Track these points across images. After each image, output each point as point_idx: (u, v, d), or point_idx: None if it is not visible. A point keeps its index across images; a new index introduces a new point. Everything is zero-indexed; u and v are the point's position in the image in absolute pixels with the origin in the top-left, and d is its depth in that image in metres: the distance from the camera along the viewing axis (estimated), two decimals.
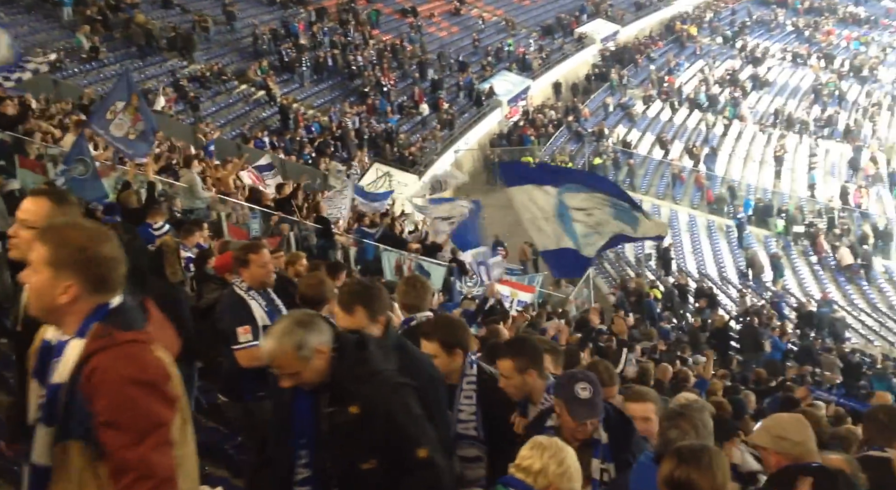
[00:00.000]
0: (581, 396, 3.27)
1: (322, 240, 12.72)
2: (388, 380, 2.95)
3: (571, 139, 31.05)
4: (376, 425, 2.83)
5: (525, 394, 3.63)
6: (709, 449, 2.58)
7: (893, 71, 39.59)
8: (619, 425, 3.38)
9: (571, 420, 3.27)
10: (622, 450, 3.31)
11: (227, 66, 25.89)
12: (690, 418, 3.04)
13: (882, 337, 21.17)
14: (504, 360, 3.62)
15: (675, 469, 2.50)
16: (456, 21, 36.41)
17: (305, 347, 2.80)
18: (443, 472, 2.94)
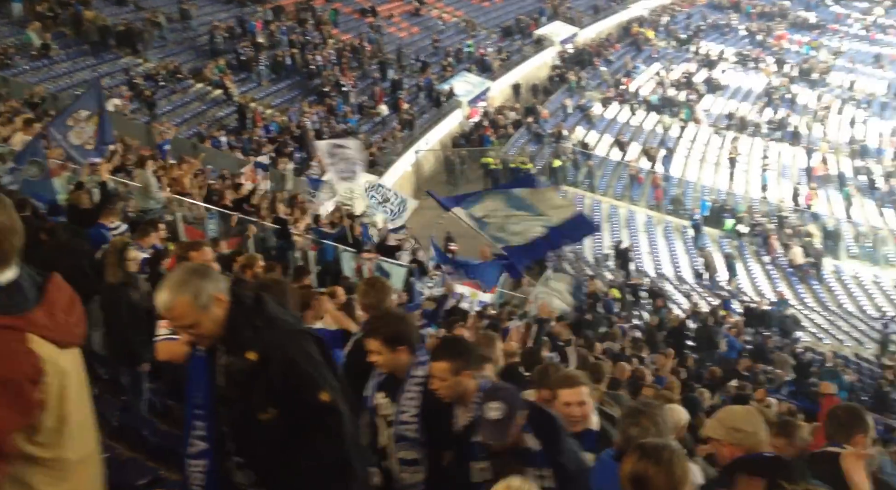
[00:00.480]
0: (489, 416, 3.21)
1: (280, 241, 12.61)
2: (289, 326, 2.91)
3: (531, 140, 31.25)
4: (276, 371, 2.74)
5: (458, 395, 3.58)
6: (669, 446, 2.61)
7: (842, 75, 40.65)
8: (547, 429, 3.34)
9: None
10: (556, 453, 3.28)
11: (183, 65, 25.50)
12: (651, 415, 3.06)
13: (832, 335, 21.70)
14: (440, 361, 3.54)
15: (635, 464, 2.52)
16: (416, 21, 36.39)
17: (203, 295, 2.71)
18: (345, 417, 2.88)
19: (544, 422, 3.37)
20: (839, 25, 47.68)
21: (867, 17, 48.60)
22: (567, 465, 3.27)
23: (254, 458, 2.84)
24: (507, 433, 3.22)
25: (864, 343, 21.53)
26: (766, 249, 26.35)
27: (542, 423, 3.34)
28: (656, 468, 2.49)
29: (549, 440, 3.29)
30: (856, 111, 37.28)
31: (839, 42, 45.23)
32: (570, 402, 3.71)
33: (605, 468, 3.01)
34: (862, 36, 46.62)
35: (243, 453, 2.84)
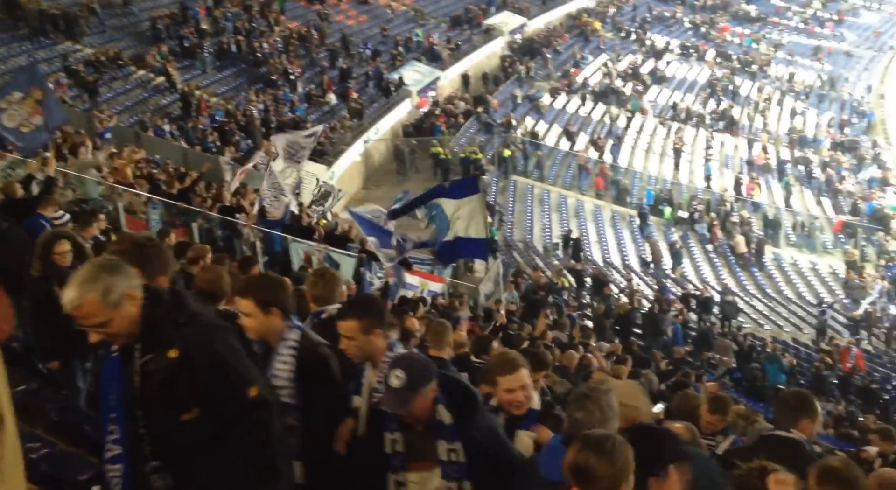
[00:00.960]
0: (390, 384, 3.17)
1: (226, 231, 12.40)
2: (211, 321, 2.81)
3: (481, 130, 31.32)
4: (200, 368, 2.62)
5: (366, 355, 3.51)
6: (612, 436, 2.61)
7: (782, 67, 41.69)
8: (462, 402, 3.28)
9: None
10: (469, 427, 3.23)
11: (124, 51, 24.82)
12: (597, 400, 3.07)
13: (772, 321, 22.33)
14: (349, 320, 3.46)
15: (577, 454, 2.53)
16: (364, 10, 36.09)
17: (113, 292, 2.57)
18: (274, 411, 2.79)
19: (459, 395, 3.32)
20: (779, 18, 48.91)
21: (806, 11, 49.93)
22: (481, 439, 3.23)
23: (173, 461, 2.70)
24: (406, 403, 3.15)
25: (802, 328, 22.20)
26: (709, 238, 26.93)
27: (456, 396, 3.30)
28: (598, 458, 2.50)
29: (462, 414, 3.25)
30: (794, 102, 38.31)
31: (779, 35, 46.39)
32: (511, 387, 3.62)
33: (554, 453, 3.02)
34: (801, 29, 47.90)
35: (161, 456, 2.70)
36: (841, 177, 31.59)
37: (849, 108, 38.82)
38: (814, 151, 34.00)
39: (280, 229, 13.72)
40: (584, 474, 2.50)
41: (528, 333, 11.17)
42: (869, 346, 21.20)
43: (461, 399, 3.31)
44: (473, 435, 3.23)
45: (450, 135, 29.73)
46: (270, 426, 2.76)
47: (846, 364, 17.98)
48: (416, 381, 3.16)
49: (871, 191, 30.84)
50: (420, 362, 3.32)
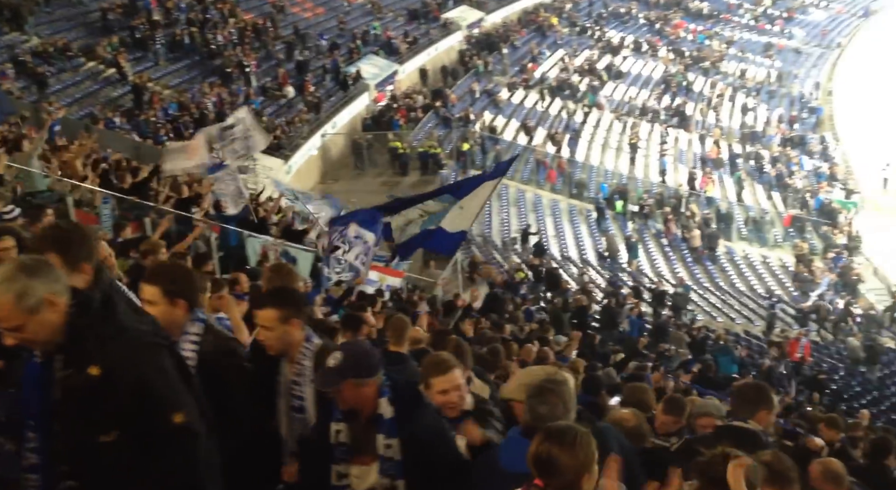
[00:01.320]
0: (327, 363, 3.16)
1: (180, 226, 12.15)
2: (139, 338, 2.57)
3: (439, 124, 31.30)
4: (123, 389, 2.43)
5: (284, 347, 3.43)
6: (574, 428, 2.65)
7: (734, 64, 42.46)
8: (406, 398, 3.24)
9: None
10: (407, 424, 3.18)
11: (73, 42, 24.20)
12: (559, 393, 3.10)
13: (724, 313, 22.77)
14: (266, 309, 3.38)
15: (540, 446, 2.57)
16: (321, 2, 35.74)
17: (30, 296, 2.38)
18: (200, 440, 2.59)
19: (404, 391, 3.27)
20: (731, 15, 49.77)
21: (756, 8, 50.90)
22: (422, 438, 3.16)
23: (90, 483, 2.50)
24: (329, 384, 3.14)
25: (753, 320, 22.68)
26: (664, 232, 27.34)
27: (401, 391, 3.25)
28: (560, 449, 2.54)
29: (403, 409, 3.20)
30: (746, 99, 39.06)
31: (731, 32, 47.23)
32: (445, 388, 3.55)
33: (513, 445, 3.04)
34: (752, 26, 48.84)
35: (78, 477, 2.49)
36: (790, 172, 32.34)
37: (798, 104, 39.71)
38: (765, 147, 34.74)
39: (235, 224, 13.53)
40: (548, 466, 2.54)
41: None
42: (817, 338, 21.76)
43: (405, 395, 3.26)
44: (414, 432, 3.16)
45: (408, 129, 29.66)
46: (195, 455, 2.57)
47: (795, 355, 18.42)
48: (349, 369, 3.12)
49: (819, 185, 31.62)
50: (363, 352, 3.26)
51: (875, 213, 30.55)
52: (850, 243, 27.57)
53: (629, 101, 36.48)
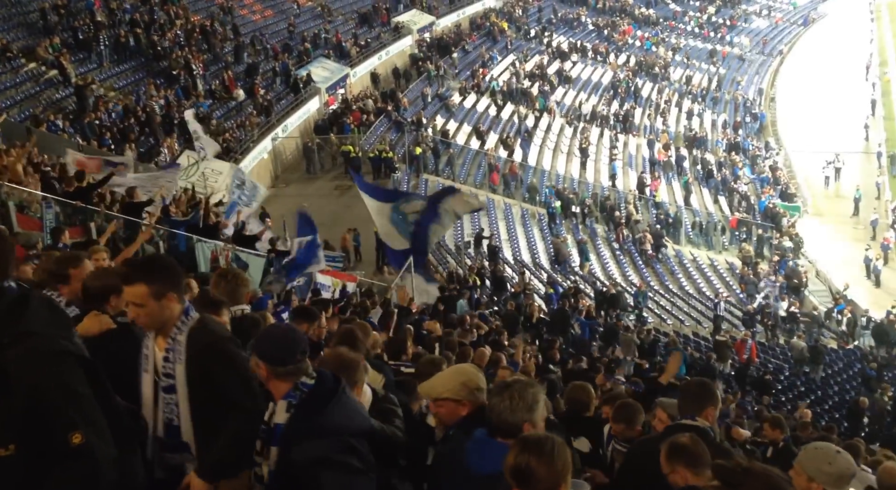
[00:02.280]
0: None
1: (127, 231, 11.85)
2: (44, 345, 2.30)
3: (391, 128, 31.20)
4: (17, 400, 2.22)
5: (159, 323, 3.11)
6: (551, 438, 2.64)
7: (680, 70, 43.33)
8: (306, 411, 2.93)
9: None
10: (289, 443, 2.89)
11: (13, 43, 23.43)
12: (519, 390, 3.07)
13: (674, 316, 23.15)
14: (136, 285, 3.04)
15: (518, 457, 2.55)
16: (269, 4, 35.34)
17: None
18: (101, 465, 2.29)
19: (311, 402, 2.95)
20: (676, 22, 50.81)
21: (701, 16, 52.07)
22: (296, 459, 2.85)
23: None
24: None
25: (701, 322, 23.11)
26: (615, 235, 27.70)
27: (307, 402, 2.95)
28: (539, 461, 2.53)
29: (297, 421, 2.91)
30: (692, 104, 39.90)
31: (676, 39, 48.20)
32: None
33: (481, 447, 3.01)
34: (696, 33, 49.92)
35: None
36: (735, 176, 33.10)
37: (742, 110, 40.71)
38: (710, 152, 35.50)
39: (185, 228, 13.27)
40: (526, 476, 2.53)
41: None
42: (763, 339, 22.28)
43: (309, 407, 2.93)
44: (291, 456, 2.85)
45: (360, 133, 29.50)
46: (94, 480, 2.28)
47: (742, 356, 18.82)
48: (258, 346, 3.02)
49: (763, 190, 32.43)
50: (279, 335, 3.11)
51: (816, 217, 31.50)
52: (793, 246, 28.33)
53: (579, 106, 36.90)
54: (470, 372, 3.48)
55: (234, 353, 3.16)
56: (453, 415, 3.35)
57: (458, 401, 3.32)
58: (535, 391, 3.13)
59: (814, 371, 19.68)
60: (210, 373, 3.09)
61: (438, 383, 3.43)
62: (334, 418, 2.93)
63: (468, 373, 3.46)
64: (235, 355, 3.16)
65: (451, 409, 3.34)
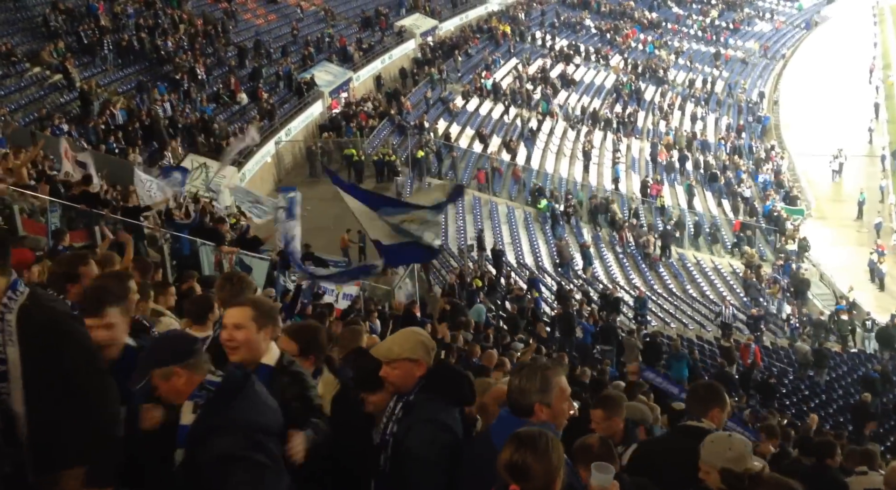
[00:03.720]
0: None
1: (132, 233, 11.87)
2: None
3: (394, 132, 31.24)
4: None
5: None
6: (546, 434, 2.67)
7: (683, 73, 43.32)
8: (214, 408, 2.80)
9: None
10: (195, 441, 2.74)
11: (17, 47, 23.51)
12: (529, 371, 3.10)
13: (677, 319, 23.11)
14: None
15: (513, 454, 2.59)
16: (273, 9, 35.44)
17: None
18: None
19: (219, 399, 2.82)
20: (679, 26, 50.81)
21: (704, 19, 52.05)
22: (200, 460, 2.70)
23: None
24: (137, 379, 2.86)
25: (705, 326, 23.06)
26: (617, 238, 27.67)
27: (215, 399, 2.83)
28: (534, 457, 2.57)
29: (203, 421, 2.76)
30: (695, 108, 39.87)
31: (679, 42, 48.18)
32: (226, 323, 3.33)
33: (505, 424, 3.04)
34: (699, 37, 49.91)
35: None
36: (739, 180, 33.06)
37: (745, 113, 40.68)
38: (713, 155, 35.47)
39: (188, 232, 13.28)
40: (522, 472, 2.57)
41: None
42: (767, 343, 22.22)
43: (216, 404, 2.79)
44: (197, 456, 2.70)
45: (363, 136, 29.53)
46: None
47: (746, 360, 18.76)
48: (148, 357, 2.90)
49: (767, 193, 32.40)
50: (167, 338, 3.03)
51: (819, 221, 31.46)
52: (798, 250, 28.30)
53: (582, 109, 36.91)
54: (423, 332, 3.51)
55: (76, 331, 2.83)
56: (408, 377, 3.29)
57: (416, 360, 3.29)
58: (551, 373, 3.12)
59: (818, 374, 19.63)
60: (48, 354, 2.70)
61: (395, 344, 3.36)
62: (241, 413, 2.78)
63: (422, 333, 3.49)
64: (77, 333, 2.82)
65: (407, 370, 3.28)
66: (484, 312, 16.41)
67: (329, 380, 3.83)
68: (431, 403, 3.23)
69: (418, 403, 3.24)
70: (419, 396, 3.26)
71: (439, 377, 3.33)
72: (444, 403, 3.27)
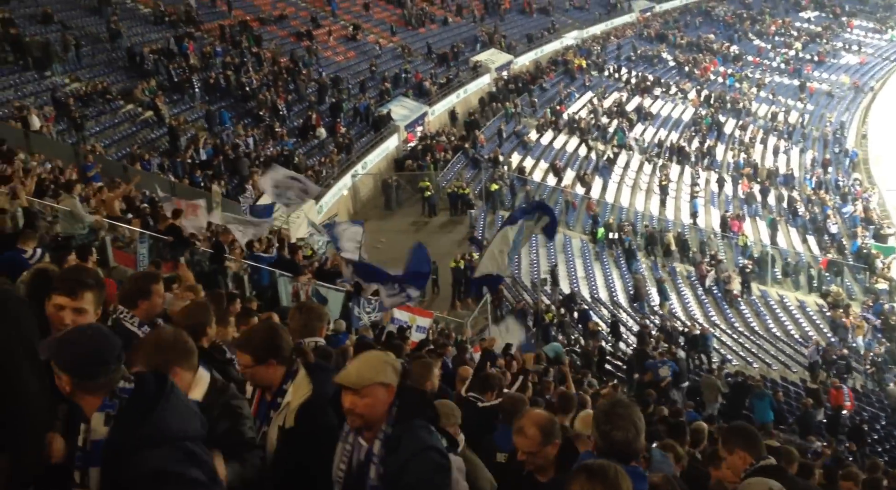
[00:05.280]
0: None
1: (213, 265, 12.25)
2: None
3: (468, 165, 31.46)
4: None
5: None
6: (613, 466, 2.69)
7: (765, 106, 42.32)
8: (128, 420, 2.42)
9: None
10: (114, 453, 2.39)
11: (112, 85, 24.79)
12: (628, 416, 3.12)
13: (760, 358, 22.28)
14: None
15: (584, 485, 2.61)
16: (352, 46, 36.39)
17: None
18: None
19: (133, 409, 2.43)
20: (761, 58, 49.80)
21: (787, 52, 50.90)
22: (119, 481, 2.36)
23: None
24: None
25: (790, 366, 22.16)
26: (696, 274, 26.99)
27: (128, 410, 2.44)
28: (603, 487, 2.58)
29: (116, 435, 2.40)
30: (778, 141, 38.82)
31: (762, 74, 47.19)
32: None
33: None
34: (782, 69, 48.78)
35: None
36: (825, 215, 31.91)
37: (832, 146, 39.36)
38: (798, 190, 34.38)
39: (269, 264, 13.62)
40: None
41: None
42: (856, 385, 21.18)
43: (130, 416, 2.41)
44: (119, 475, 2.33)
45: (437, 170, 29.83)
46: None
47: (838, 402, 17.91)
48: (54, 345, 2.49)
49: (855, 229, 31.13)
50: (90, 341, 2.49)
51: None
52: (889, 289, 27.02)
53: (659, 142, 36.41)
54: (389, 354, 3.26)
55: (14, 308, 2.65)
56: (377, 405, 2.94)
57: (387, 385, 2.96)
58: (639, 412, 3.20)
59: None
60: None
61: (364, 368, 2.99)
62: (166, 422, 2.41)
63: (388, 354, 3.22)
64: (14, 309, 2.64)
65: (378, 398, 2.93)
66: (560, 350, 16.17)
67: (302, 384, 3.38)
68: (420, 431, 2.95)
69: (405, 436, 2.92)
70: (401, 427, 2.95)
71: (412, 401, 3.03)
72: (427, 428, 3.00)
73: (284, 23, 35.04)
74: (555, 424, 3.60)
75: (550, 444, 3.51)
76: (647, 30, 51.20)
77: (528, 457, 3.52)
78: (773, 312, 25.77)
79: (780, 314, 25.71)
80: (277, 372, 3.36)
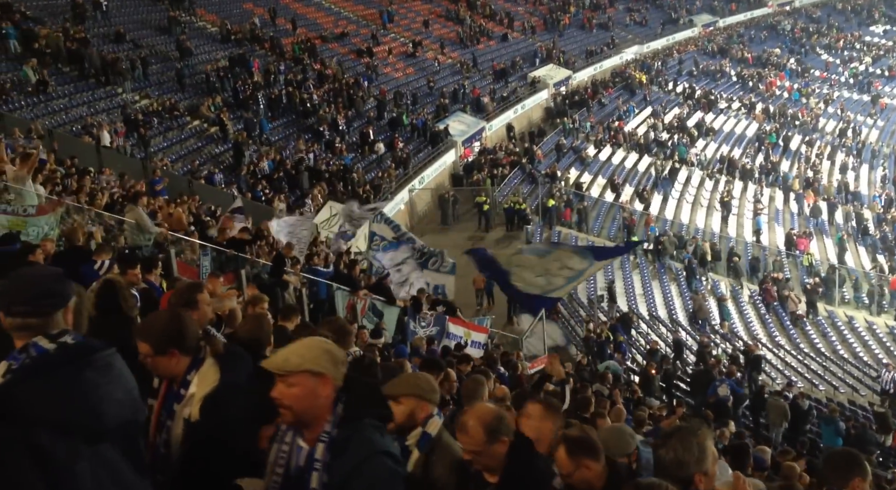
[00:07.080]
0: None
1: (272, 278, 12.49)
2: None
3: (525, 180, 31.41)
4: None
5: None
6: (665, 484, 2.66)
7: (833, 122, 41.16)
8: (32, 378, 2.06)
9: None
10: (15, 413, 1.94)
11: (180, 102, 25.60)
12: (689, 436, 3.03)
13: (827, 381, 21.56)
14: None
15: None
16: (411, 63, 36.81)
17: None
18: None
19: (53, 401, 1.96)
20: (829, 73, 48.53)
21: (856, 66, 49.49)
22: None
23: None
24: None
25: (858, 390, 21.39)
26: (762, 294, 26.27)
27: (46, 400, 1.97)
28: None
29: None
30: (846, 158, 37.69)
31: (829, 90, 45.96)
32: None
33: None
34: (850, 84, 47.42)
35: None
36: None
37: None
38: (868, 207, 33.28)
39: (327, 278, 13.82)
40: None
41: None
42: None
43: (13, 385, 2.03)
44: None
45: (494, 185, 29.86)
46: None
47: None
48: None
49: None
50: (28, 275, 2.35)
51: None
52: None
53: (721, 158, 35.74)
54: (331, 342, 2.79)
55: None
56: (310, 398, 2.53)
57: (319, 374, 2.54)
58: (703, 439, 3.03)
59: None
60: None
61: (293, 353, 2.59)
62: (31, 397, 1.92)
63: (329, 342, 2.77)
64: None
65: (309, 389, 2.53)
66: (618, 368, 15.95)
67: (209, 373, 3.08)
68: (371, 432, 2.57)
69: (353, 437, 2.54)
70: (348, 428, 2.56)
71: (361, 397, 2.65)
72: (380, 429, 2.63)
73: (346, 40, 35.68)
74: (502, 421, 3.15)
75: (497, 442, 3.10)
76: (711, 44, 50.47)
77: (473, 456, 3.15)
78: (840, 333, 24.94)
79: (848, 335, 24.85)
80: (181, 363, 3.05)
